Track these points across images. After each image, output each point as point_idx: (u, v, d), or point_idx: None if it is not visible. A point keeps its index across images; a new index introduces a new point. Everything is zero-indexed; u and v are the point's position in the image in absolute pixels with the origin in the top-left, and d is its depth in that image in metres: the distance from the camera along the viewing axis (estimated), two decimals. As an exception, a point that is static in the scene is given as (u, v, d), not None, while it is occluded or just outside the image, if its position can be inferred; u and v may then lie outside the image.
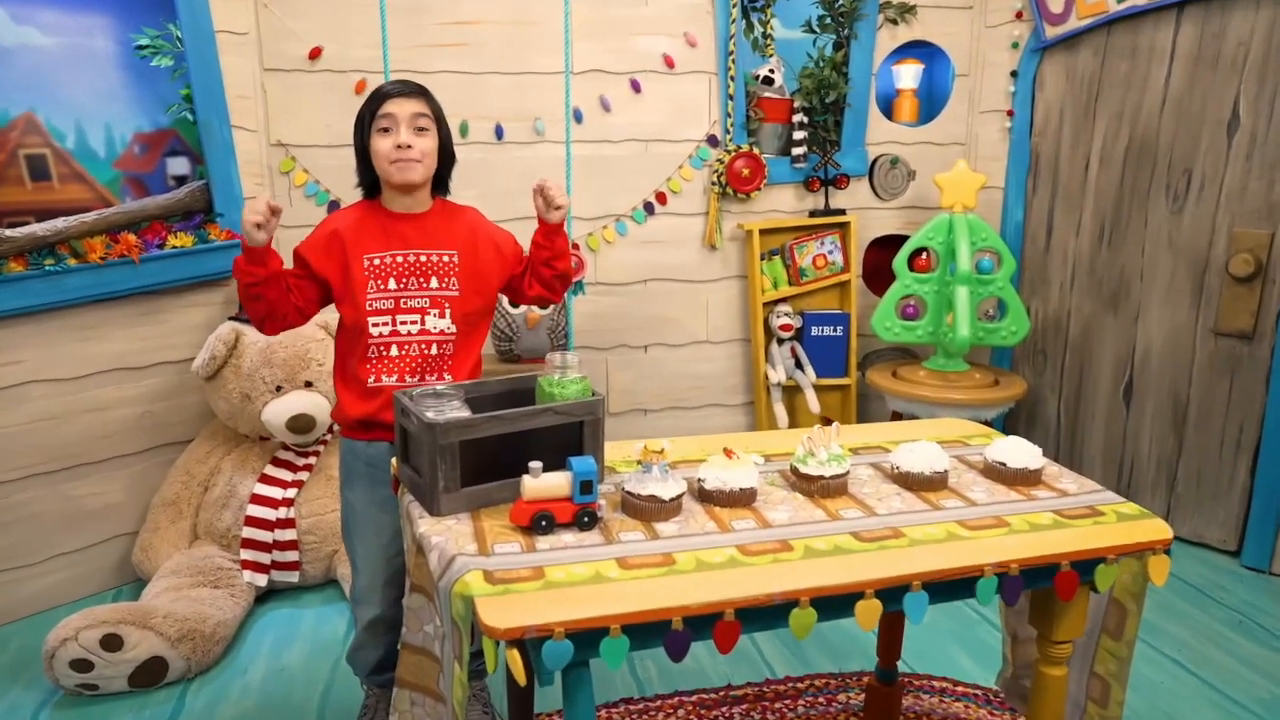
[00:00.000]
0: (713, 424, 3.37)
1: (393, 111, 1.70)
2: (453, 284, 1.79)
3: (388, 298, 1.74)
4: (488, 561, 1.26)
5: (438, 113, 1.77)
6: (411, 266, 1.76)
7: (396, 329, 1.75)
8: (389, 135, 1.70)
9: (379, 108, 1.71)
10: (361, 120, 1.74)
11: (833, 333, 3.24)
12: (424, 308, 1.76)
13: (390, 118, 1.70)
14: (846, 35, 3.17)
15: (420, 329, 1.76)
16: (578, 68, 2.99)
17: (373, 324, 1.73)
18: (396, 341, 1.75)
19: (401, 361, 1.75)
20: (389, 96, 1.71)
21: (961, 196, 2.99)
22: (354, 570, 1.89)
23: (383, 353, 1.75)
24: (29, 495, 2.48)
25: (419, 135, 1.72)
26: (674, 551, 1.31)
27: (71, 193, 2.67)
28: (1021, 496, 1.54)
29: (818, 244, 3.19)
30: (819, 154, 3.18)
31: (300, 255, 1.77)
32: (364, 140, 1.74)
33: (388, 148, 1.70)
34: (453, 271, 1.79)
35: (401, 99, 1.71)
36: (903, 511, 1.47)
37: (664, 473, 1.43)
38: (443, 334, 1.78)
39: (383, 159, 1.71)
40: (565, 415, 1.50)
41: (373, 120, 1.71)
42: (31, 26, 2.61)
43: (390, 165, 1.71)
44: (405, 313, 1.75)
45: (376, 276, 1.74)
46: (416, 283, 1.76)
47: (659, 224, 3.17)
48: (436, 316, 1.77)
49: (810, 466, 1.53)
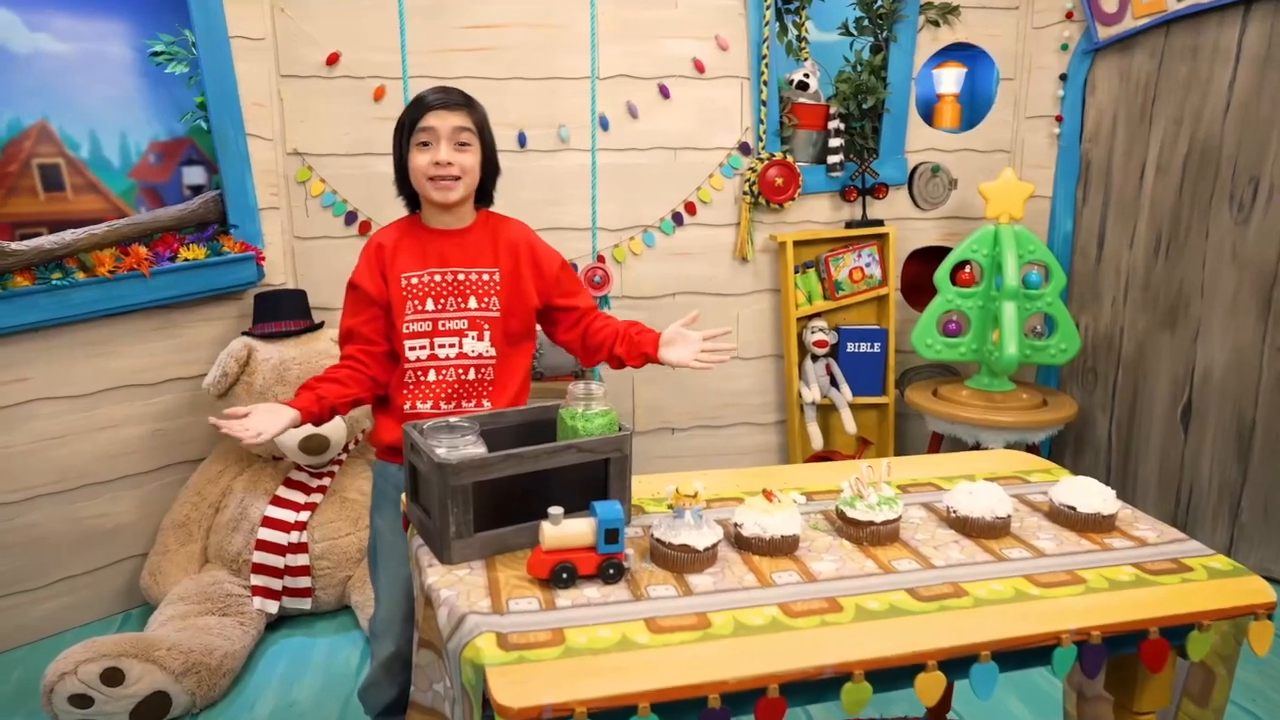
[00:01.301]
0: (743, 443, 3.23)
1: (433, 125, 1.59)
2: (493, 304, 1.68)
3: (425, 319, 1.64)
4: (502, 621, 1.14)
5: (481, 124, 1.66)
6: (450, 286, 1.66)
7: (434, 352, 1.65)
8: (428, 150, 1.60)
9: (419, 120, 1.59)
10: (400, 130, 1.62)
11: (869, 349, 3.09)
12: (462, 329, 1.66)
13: (430, 132, 1.59)
14: (885, 38, 3.02)
15: (458, 352, 1.66)
16: (604, 72, 2.88)
17: (409, 348, 1.63)
18: (434, 366, 1.65)
19: (439, 387, 1.65)
20: (429, 109, 1.59)
21: (1008, 207, 2.83)
22: (376, 600, 1.79)
23: (420, 378, 1.65)
24: (36, 516, 2.40)
25: (460, 151, 1.61)
26: (709, 611, 1.18)
27: (85, 203, 2.59)
28: (1095, 546, 1.39)
29: (854, 256, 3.04)
30: (856, 162, 3.04)
31: (358, 286, 1.66)
32: (403, 152, 1.62)
33: (425, 164, 1.59)
34: (493, 290, 1.68)
35: (443, 111, 1.59)
36: (963, 563, 1.33)
37: (697, 518, 1.30)
38: (480, 358, 1.67)
39: (420, 176, 1.60)
40: (589, 453, 1.37)
41: (412, 132, 1.60)
42: (46, 33, 2.54)
43: (428, 183, 1.60)
44: (443, 335, 1.65)
45: (414, 296, 1.64)
46: (455, 303, 1.65)
47: (688, 235, 3.04)
48: (475, 339, 1.66)
49: (858, 510, 1.39)
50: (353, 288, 1.67)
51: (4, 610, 2.38)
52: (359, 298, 1.66)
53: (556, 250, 1.78)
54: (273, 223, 2.73)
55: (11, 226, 2.48)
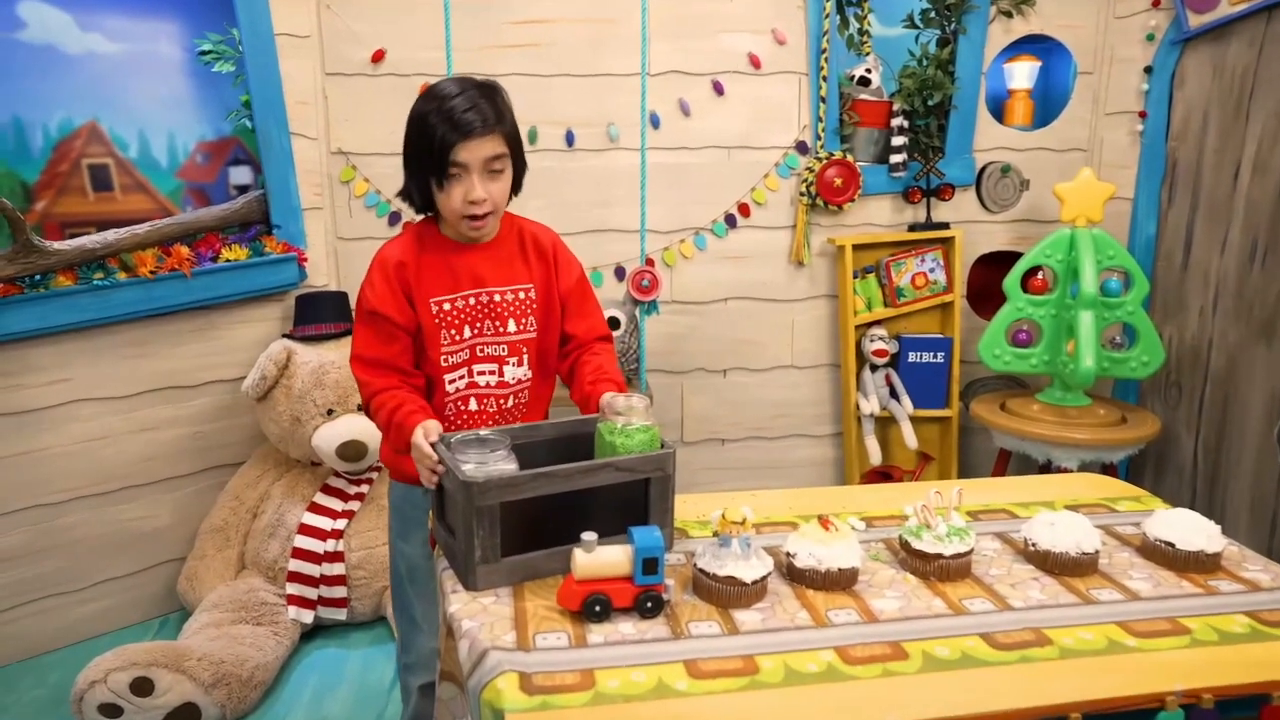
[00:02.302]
0: (796, 455, 3.08)
1: (464, 160, 1.39)
2: (530, 324, 1.54)
3: (462, 348, 1.50)
4: (528, 659, 1.03)
5: (513, 137, 1.45)
6: (486, 309, 1.51)
7: (474, 380, 1.51)
8: (458, 184, 1.41)
9: (447, 150, 1.38)
10: (425, 151, 1.40)
11: (933, 359, 2.92)
12: (502, 355, 1.52)
13: (461, 166, 1.40)
14: (954, 30, 2.85)
15: (499, 380, 1.52)
16: (656, 69, 2.76)
17: (449, 380, 1.50)
18: (475, 395, 1.52)
19: (480, 417, 1.52)
20: (460, 139, 1.37)
21: (1085, 209, 2.63)
22: (411, 630, 1.67)
23: (460, 408, 1.52)
24: (75, 518, 2.38)
25: (493, 179, 1.43)
26: (757, 653, 1.05)
27: (133, 203, 2.58)
28: (1198, 589, 1.23)
29: (917, 261, 2.88)
30: (920, 162, 2.87)
31: (382, 315, 1.45)
32: (423, 167, 1.42)
33: (458, 202, 1.41)
34: (530, 309, 1.54)
35: (474, 142, 1.38)
36: (1045, 605, 1.18)
37: (745, 548, 1.18)
38: (520, 382, 1.55)
39: (453, 213, 1.44)
40: (628, 472, 1.26)
41: (438, 159, 1.39)
42: (98, 33, 2.53)
43: (461, 220, 1.44)
44: (481, 361, 1.51)
45: (448, 325, 1.49)
46: (493, 327, 1.51)
47: (741, 238, 2.91)
48: (515, 365, 1.53)
49: (925, 542, 1.25)
50: (374, 316, 1.46)
51: (44, 612, 2.36)
52: (385, 329, 1.46)
53: (579, 263, 1.63)
54: (316, 223, 2.68)
55: (61, 226, 2.47)
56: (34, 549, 2.32)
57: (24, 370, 2.24)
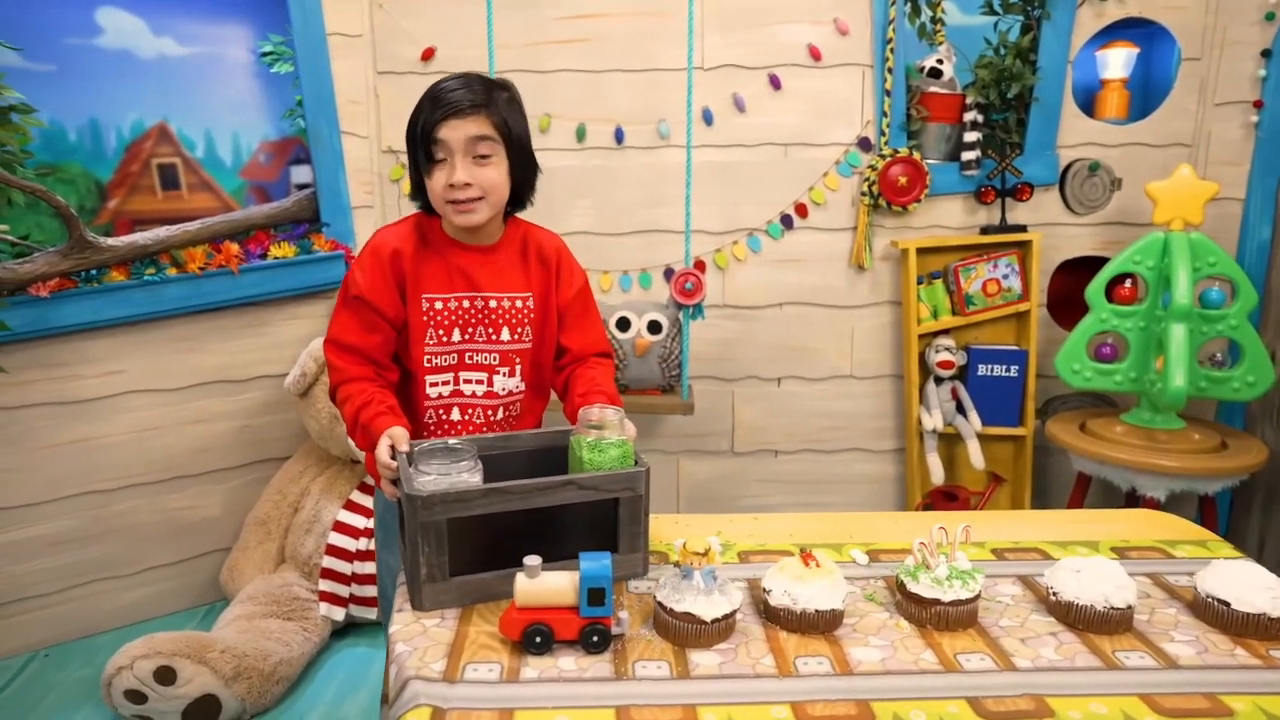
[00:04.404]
0: (854, 471, 2.90)
1: (444, 138, 1.32)
2: (526, 334, 1.46)
3: (449, 352, 1.43)
4: (449, 693, 0.95)
5: (503, 124, 1.36)
6: (479, 314, 1.43)
7: (459, 388, 1.44)
8: (442, 168, 1.34)
9: (428, 130, 1.33)
10: (412, 135, 1.37)
11: (1005, 373, 2.69)
12: (493, 365, 1.44)
13: (442, 145, 1.33)
14: (1038, 16, 2.62)
15: (486, 390, 1.45)
16: (709, 63, 2.65)
17: (430, 383, 1.43)
18: (459, 404, 1.45)
19: (464, 427, 1.45)
20: (440, 118, 1.32)
21: (1182, 210, 2.36)
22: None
23: (442, 416, 1.45)
24: (128, 505, 2.46)
25: (480, 164, 1.34)
26: (701, 704, 0.94)
27: (199, 202, 2.65)
28: (1254, 660, 1.03)
29: (989, 266, 2.66)
30: (995, 159, 2.65)
31: (368, 302, 1.39)
32: (416, 158, 1.37)
33: (440, 186, 1.34)
34: (527, 319, 1.46)
35: (455, 120, 1.31)
36: (1057, 667, 1.02)
37: (709, 582, 1.07)
38: (511, 394, 1.47)
39: (437, 198, 1.37)
40: (592, 490, 1.16)
41: (423, 142, 1.35)
42: (169, 37, 2.61)
43: (446, 205, 1.37)
44: (469, 369, 1.44)
45: (437, 324, 1.42)
46: (485, 334, 1.44)
47: (798, 240, 2.76)
48: (506, 375, 1.45)
49: (921, 584, 1.10)
50: (359, 302, 1.39)
51: (98, 594, 2.45)
52: (369, 318, 1.39)
53: (584, 273, 1.54)
54: (365, 221, 2.70)
55: (132, 223, 2.56)
56: (88, 533, 2.41)
57: (80, 361, 2.32)
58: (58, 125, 2.44)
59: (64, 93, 2.44)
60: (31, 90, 2.32)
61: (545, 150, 2.67)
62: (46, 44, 2.42)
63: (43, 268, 2.19)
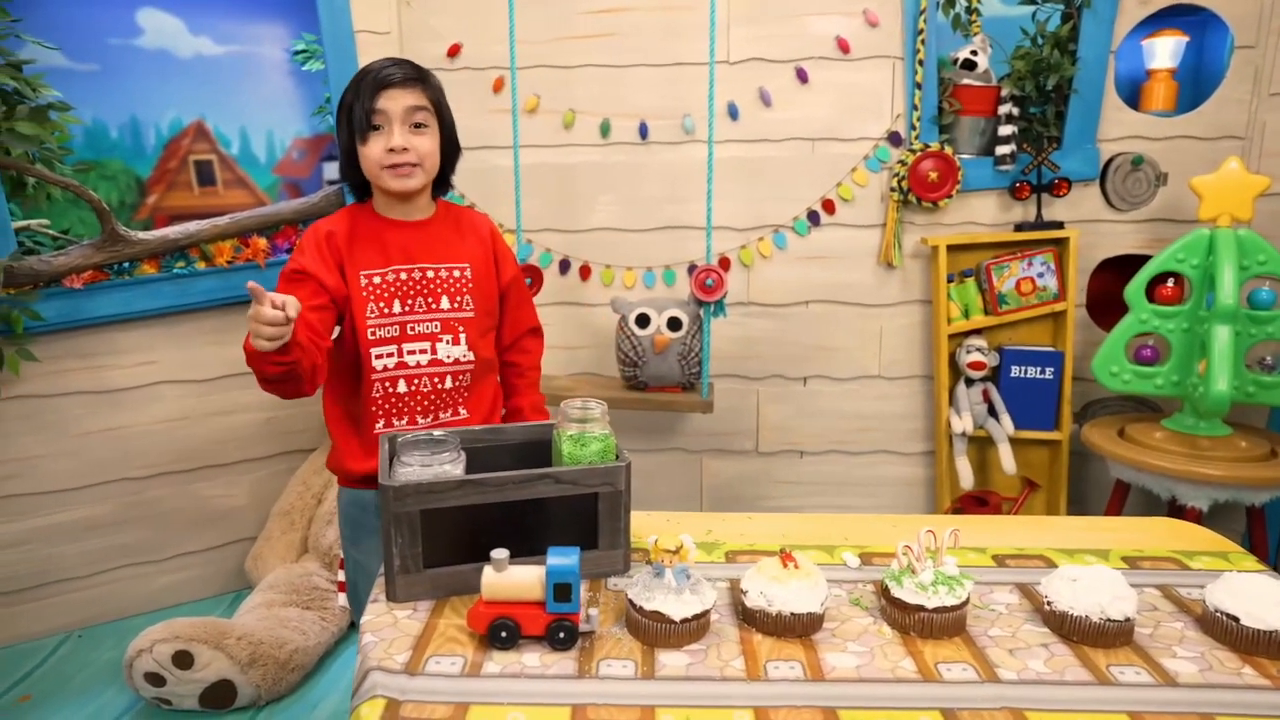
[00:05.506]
0: (882, 473, 2.83)
1: (384, 108, 1.41)
2: (466, 303, 1.51)
3: (392, 323, 1.47)
4: (408, 685, 0.94)
5: (438, 100, 1.47)
6: (418, 285, 1.48)
7: (404, 359, 1.47)
8: (380, 135, 1.42)
9: (367, 101, 1.40)
10: (347, 111, 1.44)
11: (1039, 375, 2.59)
12: (434, 333, 1.48)
13: (381, 114, 1.41)
14: (1079, 4, 2.52)
15: (431, 359, 1.48)
16: (735, 56, 2.61)
17: (375, 355, 1.46)
18: (404, 375, 1.48)
19: (412, 399, 1.48)
20: (379, 88, 1.40)
21: (1230, 205, 2.25)
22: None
23: (389, 389, 1.47)
24: (159, 493, 2.53)
25: (416, 133, 1.43)
26: (661, 705, 0.92)
27: (234, 198, 2.71)
28: (1262, 679, 0.97)
29: (1024, 264, 2.56)
30: (1031, 153, 2.55)
31: (309, 274, 1.41)
32: (350, 136, 1.44)
33: (379, 152, 1.42)
34: (465, 288, 1.51)
35: (394, 90, 1.41)
36: (1043, 680, 0.97)
37: (681, 580, 1.04)
38: (458, 363, 1.50)
39: (374, 164, 1.43)
40: (570, 485, 1.14)
41: (360, 115, 1.41)
42: (206, 36, 2.68)
43: (384, 172, 1.43)
44: (412, 339, 1.47)
45: (377, 298, 1.46)
46: (424, 304, 1.48)
47: (825, 236, 2.70)
48: (450, 343, 1.49)
49: (905, 589, 1.06)
50: (300, 275, 1.40)
51: (130, 579, 2.53)
52: (310, 287, 1.39)
53: (515, 256, 1.64)
54: (391, 217, 2.72)
55: (170, 218, 2.63)
56: (121, 519, 2.48)
57: (112, 352, 2.39)
58: (100, 123, 2.51)
59: (106, 91, 2.52)
60: (75, 89, 2.40)
61: (569, 146, 2.67)
62: (90, 45, 2.49)
63: (76, 260, 2.26)
